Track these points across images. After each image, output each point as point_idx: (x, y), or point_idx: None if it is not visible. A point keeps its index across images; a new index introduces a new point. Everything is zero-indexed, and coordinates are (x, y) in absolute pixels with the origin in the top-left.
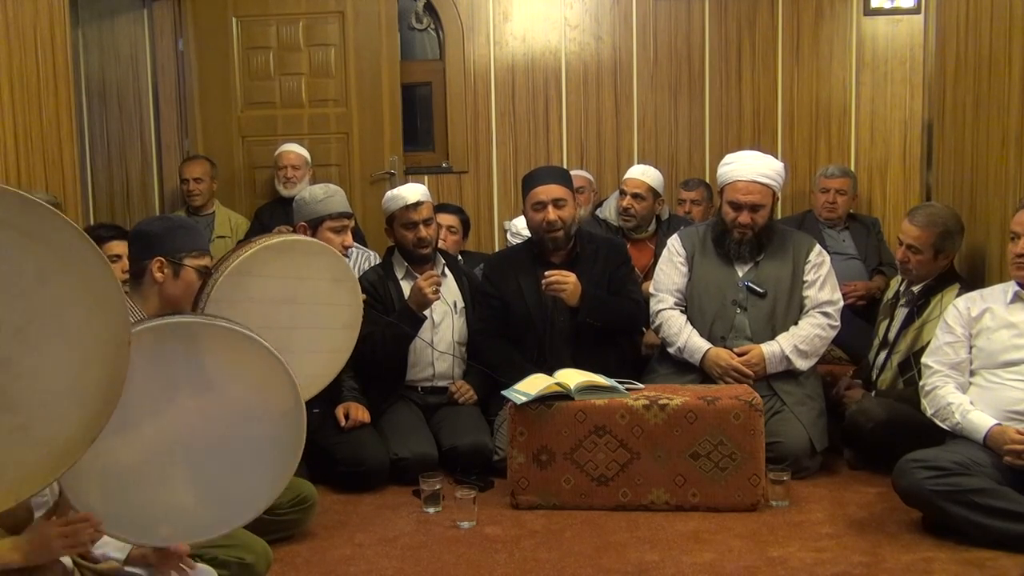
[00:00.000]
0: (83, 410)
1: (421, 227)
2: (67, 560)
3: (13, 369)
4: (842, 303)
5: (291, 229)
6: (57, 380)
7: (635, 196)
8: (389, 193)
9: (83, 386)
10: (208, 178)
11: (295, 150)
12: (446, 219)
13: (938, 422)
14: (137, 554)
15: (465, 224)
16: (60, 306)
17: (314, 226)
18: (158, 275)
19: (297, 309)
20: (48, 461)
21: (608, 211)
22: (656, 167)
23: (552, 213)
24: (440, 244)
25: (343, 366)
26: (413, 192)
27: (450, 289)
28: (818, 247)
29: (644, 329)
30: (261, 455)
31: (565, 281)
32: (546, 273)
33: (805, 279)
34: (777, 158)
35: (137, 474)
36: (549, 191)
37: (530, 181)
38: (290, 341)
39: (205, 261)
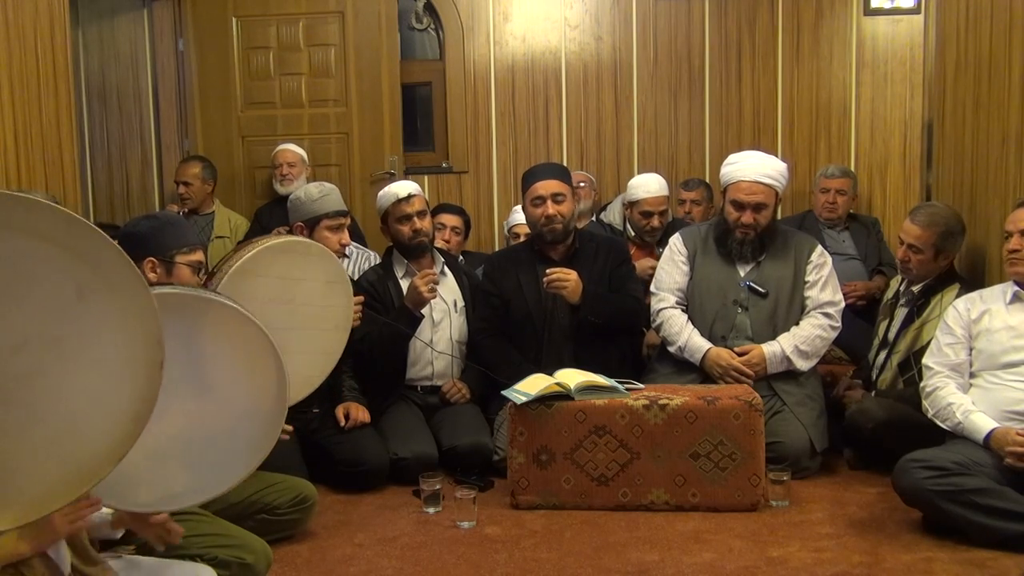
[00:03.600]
0: (111, 427)
1: (415, 219)
2: (66, 564)
3: (44, 382)
4: (843, 304)
5: (288, 230)
6: (87, 396)
7: (662, 214)
8: (381, 191)
9: (113, 404)
10: (199, 181)
11: (291, 148)
12: (450, 220)
13: (939, 422)
14: (116, 519)
15: (467, 224)
16: (96, 324)
17: (311, 226)
18: (151, 275)
19: (293, 310)
20: (73, 477)
21: (612, 215)
22: (656, 167)
23: (551, 207)
24: (444, 245)
25: (333, 368)
26: (404, 187)
27: (450, 288)
28: (820, 248)
29: (644, 329)
30: (240, 430)
31: (566, 279)
32: (547, 271)
33: (807, 279)
34: (777, 158)
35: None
36: (548, 186)
37: (529, 177)
38: (286, 341)
39: (197, 256)
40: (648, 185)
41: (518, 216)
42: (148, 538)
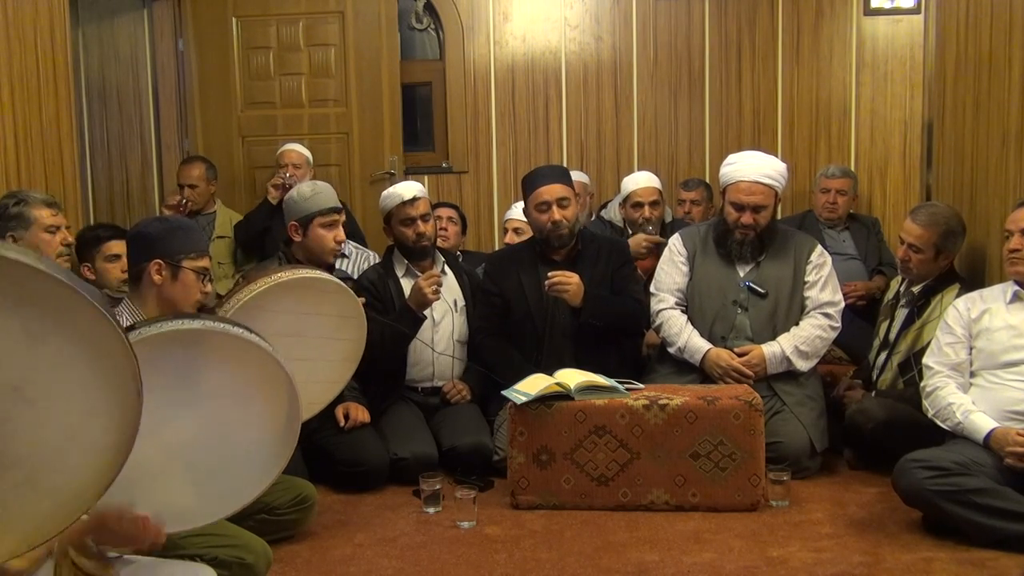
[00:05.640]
0: (91, 459)
1: (419, 223)
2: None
3: (11, 427)
4: (843, 304)
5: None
6: (60, 434)
7: (653, 204)
8: (385, 192)
9: (89, 437)
10: (203, 183)
11: (297, 149)
12: (444, 211)
13: (939, 423)
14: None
15: (462, 217)
16: (57, 363)
17: (304, 224)
18: (156, 277)
19: (302, 342)
20: (58, 510)
21: (612, 212)
22: (656, 167)
23: (557, 213)
24: (442, 235)
25: (338, 394)
26: (409, 189)
27: (450, 287)
28: (819, 248)
29: (644, 329)
30: (248, 457)
31: (568, 282)
32: (549, 274)
33: (806, 280)
34: (777, 158)
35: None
36: (552, 191)
37: (531, 182)
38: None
39: (203, 262)
40: (637, 178)
41: (513, 212)
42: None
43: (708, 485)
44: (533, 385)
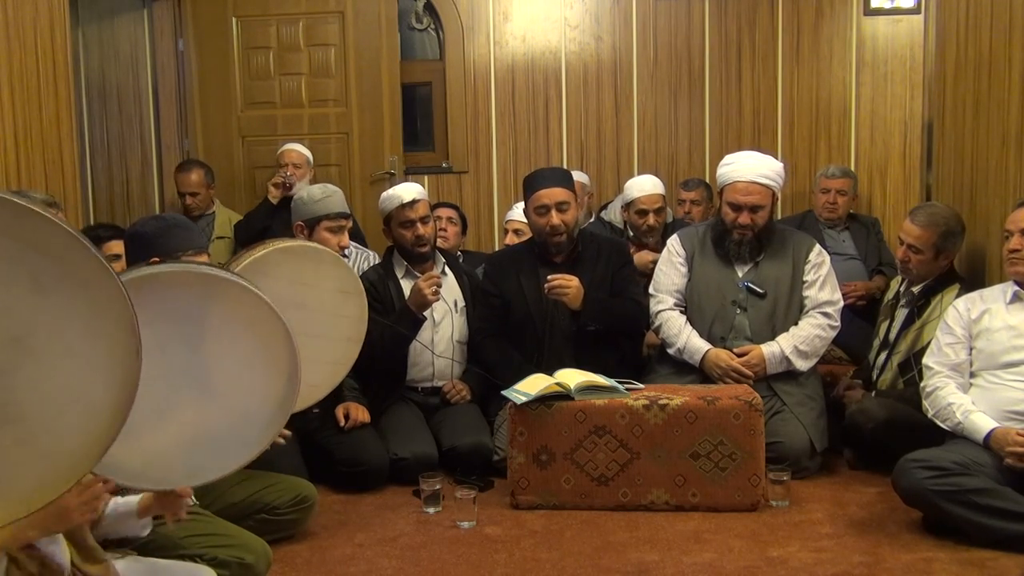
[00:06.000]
0: (90, 420)
1: (418, 225)
2: (66, 560)
3: (11, 380)
4: (842, 303)
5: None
6: (60, 390)
7: (657, 211)
8: (385, 193)
9: (89, 396)
10: (203, 189)
11: (297, 149)
12: (444, 211)
13: (939, 423)
14: (142, 507)
15: (463, 217)
16: (60, 316)
17: (311, 226)
18: None
19: (303, 315)
20: (58, 472)
21: (613, 214)
22: (656, 167)
23: (556, 218)
24: (441, 235)
25: (342, 378)
26: (408, 191)
27: (450, 288)
28: (818, 247)
29: (644, 331)
30: (250, 412)
31: (568, 285)
32: (549, 277)
33: (805, 279)
34: (777, 158)
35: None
36: (552, 195)
37: (532, 184)
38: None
39: (201, 259)
40: (642, 184)
41: (514, 212)
42: (166, 516)
43: (708, 485)
44: (533, 385)
